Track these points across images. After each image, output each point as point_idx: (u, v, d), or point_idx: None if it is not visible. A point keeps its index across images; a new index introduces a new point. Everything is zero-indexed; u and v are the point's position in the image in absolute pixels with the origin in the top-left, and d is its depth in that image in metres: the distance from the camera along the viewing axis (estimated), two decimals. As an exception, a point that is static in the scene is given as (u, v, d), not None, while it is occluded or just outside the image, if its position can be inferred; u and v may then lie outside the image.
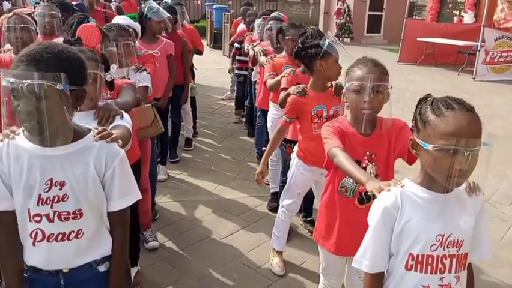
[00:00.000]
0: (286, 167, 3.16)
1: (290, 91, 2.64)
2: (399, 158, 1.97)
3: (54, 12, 3.44)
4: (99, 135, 1.46)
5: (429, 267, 1.37)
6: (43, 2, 3.53)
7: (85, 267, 1.49)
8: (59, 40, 2.52)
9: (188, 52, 4.87)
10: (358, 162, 1.89)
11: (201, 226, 3.48)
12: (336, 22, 15.72)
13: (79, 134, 1.44)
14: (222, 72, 9.00)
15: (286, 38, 3.43)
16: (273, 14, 4.47)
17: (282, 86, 2.97)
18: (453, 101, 1.33)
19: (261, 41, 4.56)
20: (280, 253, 2.99)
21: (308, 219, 3.46)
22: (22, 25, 2.66)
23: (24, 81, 1.26)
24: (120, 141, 1.51)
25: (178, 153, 4.81)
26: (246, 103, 5.91)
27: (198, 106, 5.70)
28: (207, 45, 12.62)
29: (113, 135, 1.48)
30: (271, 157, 3.75)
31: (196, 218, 3.60)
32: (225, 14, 11.14)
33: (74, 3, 4.11)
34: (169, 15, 4.03)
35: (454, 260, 1.38)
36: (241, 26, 6.36)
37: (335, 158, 1.79)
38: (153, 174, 3.40)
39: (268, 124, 3.68)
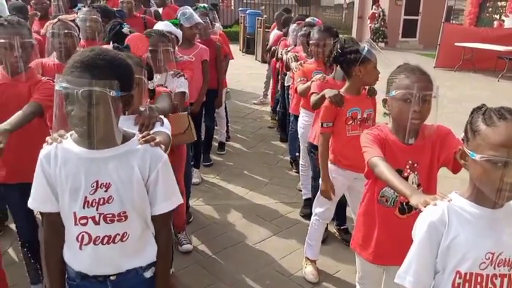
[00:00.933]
0: (317, 173, 3.13)
1: (326, 94, 2.61)
2: (443, 166, 1.91)
3: (95, 17, 3.53)
4: (143, 139, 1.48)
5: (478, 287, 1.31)
6: (85, 7, 3.63)
7: (132, 273, 1.51)
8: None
9: (224, 57, 4.94)
10: (399, 172, 1.84)
11: (233, 230, 3.48)
12: (370, 26, 15.50)
13: (124, 137, 1.47)
14: (254, 77, 9.04)
15: (310, 42, 3.41)
16: (307, 19, 4.44)
17: (312, 90, 2.94)
18: (507, 111, 1.27)
19: (294, 46, 4.54)
20: (313, 261, 2.95)
21: (342, 227, 3.40)
22: (66, 31, 2.75)
23: (79, 87, 1.30)
24: (163, 146, 1.52)
25: (211, 157, 4.84)
26: (278, 108, 5.90)
27: (230, 111, 5.74)
28: (240, 50, 12.71)
29: (157, 140, 1.51)
30: (301, 163, 3.74)
31: (229, 222, 3.61)
32: (258, 19, 11.18)
33: (115, 9, 4.21)
34: (200, 21, 4.07)
35: (506, 280, 1.31)
36: (274, 32, 6.37)
37: (376, 168, 1.75)
38: (188, 177, 3.44)
39: (299, 130, 3.65)
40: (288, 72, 4.71)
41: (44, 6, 4.50)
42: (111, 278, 1.49)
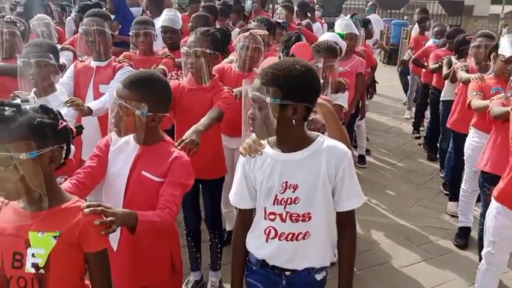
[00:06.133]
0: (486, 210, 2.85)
1: None
2: None
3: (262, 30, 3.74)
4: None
5: None
6: (253, 21, 3.87)
7: (305, 272, 1.60)
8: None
9: (371, 68, 4.87)
10: None
11: (379, 249, 3.37)
12: (534, 39, 13.67)
13: (309, 140, 1.56)
14: (396, 88, 8.66)
15: (500, 57, 3.06)
16: (482, 31, 4.09)
17: (494, 105, 2.66)
18: None
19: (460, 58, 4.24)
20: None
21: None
22: (254, 46, 2.92)
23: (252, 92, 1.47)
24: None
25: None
26: (427, 124, 5.57)
27: (370, 123, 5.65)
28: (380, 60, 12.31)
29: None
30: (464, 187, 3.42)
31: (374, 239, 3.51)
32: (403, 30, 10.70)
33: (280, 21, 4.40)
34: (357, 32, 4.04)
35: None
36: (430, 42, 6.02)
37: None
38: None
39: (466, 152, 3.32)
40: (446, 85, 4.40)
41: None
42: (286, 273, 1.60)
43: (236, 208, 3.27)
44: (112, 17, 4.72)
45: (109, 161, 1.82)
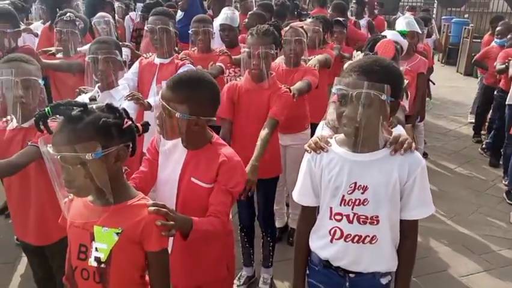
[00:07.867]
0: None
1: None
2: None
3: (317, 27, 3.71)
4: (394, 150, 1.46)
5: None
6: (310, 18, 3.84)
7: (369, 276, 1.55)
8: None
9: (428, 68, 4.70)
10: None
11: (436, 257, 3.25)
12: None
13: (383, 141, 1.50)
14: (456, 90, 8.31)
15: None
16: None
17: None
18: None
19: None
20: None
21: None
22: (296, 38, 2.92)
23: (354, 90, 1.37)
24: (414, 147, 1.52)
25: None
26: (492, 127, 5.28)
27: (428, 125, 5.43)
28: (438, 60, 11.83)
29: (407, 143, 1.47)
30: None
31: (431, 246, 3.38)
32: (465, 28, 10.20)
33: (340, 19, 4.33)
34: (419, 30, 3.90)
35: None
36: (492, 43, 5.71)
37: None
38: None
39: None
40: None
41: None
42: (350, 275, 1.56)
43: (287, 206, 3.35)
44: (181, 13, 4.84)
45: (159, 165, 1.78)
